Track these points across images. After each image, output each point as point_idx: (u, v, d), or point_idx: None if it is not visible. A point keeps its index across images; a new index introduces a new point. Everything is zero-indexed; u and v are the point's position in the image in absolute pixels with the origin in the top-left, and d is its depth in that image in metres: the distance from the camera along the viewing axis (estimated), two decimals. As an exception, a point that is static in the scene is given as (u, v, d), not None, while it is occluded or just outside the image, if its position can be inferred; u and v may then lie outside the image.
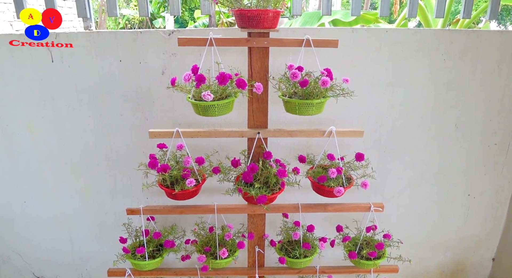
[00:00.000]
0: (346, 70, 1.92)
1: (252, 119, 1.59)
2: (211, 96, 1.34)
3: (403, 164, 2.14)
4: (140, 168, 1.62)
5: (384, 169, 2.13)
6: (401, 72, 1.95)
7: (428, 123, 2.06)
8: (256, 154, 1.64)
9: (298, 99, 1.43)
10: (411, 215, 2.27)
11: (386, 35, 1.89)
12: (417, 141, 2.09)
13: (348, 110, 1.97)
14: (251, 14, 1.38)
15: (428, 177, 2.18)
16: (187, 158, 1.56)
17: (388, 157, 2.11)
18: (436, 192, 2.22)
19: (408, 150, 2.11)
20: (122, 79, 1.90)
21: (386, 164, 2.12)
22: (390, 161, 2.12)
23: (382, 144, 2.08)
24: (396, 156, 2.11)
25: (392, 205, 2.21)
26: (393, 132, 2.06)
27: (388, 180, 2.15)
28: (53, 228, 2.24)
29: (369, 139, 2.06)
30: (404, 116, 2.03)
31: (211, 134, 1.58)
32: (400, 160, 2.12)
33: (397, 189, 2.19)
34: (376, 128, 2.04)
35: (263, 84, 1.51)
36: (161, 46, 1.85)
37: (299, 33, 1.84)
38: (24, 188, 2.14)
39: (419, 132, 2.07)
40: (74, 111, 1.96)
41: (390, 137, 2.07)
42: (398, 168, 2.14)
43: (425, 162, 2.14)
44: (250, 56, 1.50)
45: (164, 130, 1.60)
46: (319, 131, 1.59)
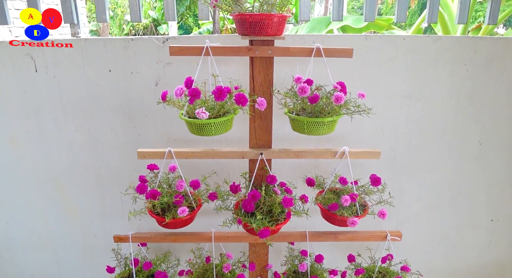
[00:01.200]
0: (359, 82, 1.74)
1: (254, 138, 1.41)
2: (206, 114, 1.16)
3: (420, 184, 1.94)
4: (128, 193, 1.44)
5: (399, 189, 1.93)
6: (419, 83, 1.76)
7: (449, 140, 1.86)
8: (259, 176, 1.45)
9: (307, 117, 1.24)
10: (428, 240, 2.07)
11: (403, 43, 1.71)
12: (436, 159, 1.90)
13: (361, 125, 1.79)
14: (253, 19, 1.21)
15: (447, 199, 1.98)
16: (180, 181, 1.38)
17: (404, 176, 1.92)
18: (456, 214, 2.02)
19: (426, 169, 1.91)
20: (112, 91, 1.73)
21: (402, 184, 1.93)
22: (406, 180, 1.92)
23: (398, 162, 1.89)
24: (412, 175, 1.92)
25: (407, 228, 2.01)
26: (410, 149, 1.87)
27: (403, 202, 1.96)
28: (39, 250, 2.07)
29: (384, 157, 1.86)
30: (422, 132, 1.84)
31: (208, 155, 1.40)
32: (417, 179, 1.93)
33: (413, 211, 1.99)
34: (391, 145, 1.85)
35: (266, 99, 1.33)
36: (155, 55, 1.68)
37: (307, 41, 1.67)
38: (7, 207, 1.96)
39: (438, 150, 1.88)
40: (60, 125, 1.79)
41: (407, 155, 1.88)
42: (414, 188, 1.95)
43: (444, 182, 1.95)
44: (252, 67, 1.32)
45: (154, 150, 1.42)
46: (330, 152, 1.40)
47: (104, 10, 1.65)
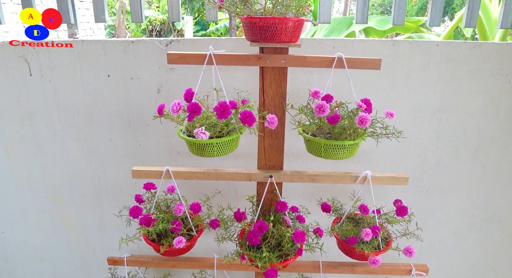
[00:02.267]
0: (383, 92, 1.55)
1: (263, 159, 1.24)
2: (206, 134, 1.00)
3: (448, 207, 1.74)
4: (122, 214, 1.30)
5: (424, 212, 1.74)
6: (453, 96, 1.56)
7: (483, 159, 1.65)
8: (268, 200, 1.29)
9: (325, 139, 1.07)
10: (455, 268, 1.87)
11: (436, 50, 1.50)
12: (468, 180, 1.69)
13: (384, 140, 1.59)
14: (264, 23, 1.04)
15: (478, 224, 1.77)
16: (178, 205, 1.23)
17: (431, 198, 1.72)
18: (487, 241, 1.81)
19: (456, 191, 1.71)
20: (111, 97, 1.59)
21: (428, 207, 1.73)
22: (433, 203, 1.73)
23: (424, 183, 1.69)
24: (440, 197, 1.72)
25: (432, 255, 1.82)
26: (439, 169, 1.67)
27: (429, 226, 1.76)
28: (36, 262, 1.96)
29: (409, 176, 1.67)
30: (453, 150, 1.64)
31: (210, 177, 1.24)
32: (445, 202, 1.73)
33: (439, 237, 1.79)
34: (417, 164, 1.66)
35: (278, 115, 1.16)
36: (157, 59, 1.52)
37: (326, 46, 1.48)
38: (1, 217, 1.86)
39: (471, 170, 1.67)
40: (56, 133, 1.66)
41: (435, 175, 1.68)
42: (442, 211, 1.75)
43: (476, 206, 1.74)
44: (263, 78, 1.15)
45: (150, 169, 1.27)
46: (350, 177, 1.22)
47: (103, 10, 1.51)
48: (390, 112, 1.08)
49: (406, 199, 1.61)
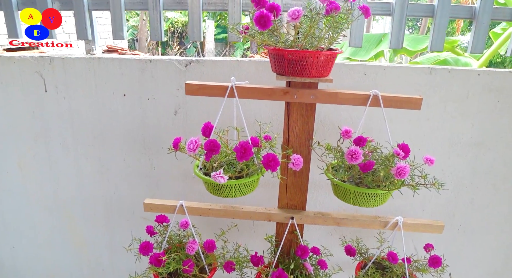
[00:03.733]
0: (417, 124, 1.43)
1: (284, 197, 1.14)
2: (224, 178, 0.91)
3: (482, 247, 1.60)
4: (131, 248, 1.23)
5: (455, 251, 1.61)
6: (493, 129, 1.43)
7: (524, 198, 1.51)
8: (288, 241, 1.19)
9: (355, 186, 0.96)
10: (485, 311, 1.72)
11: (476, 80, 1.38)
12: (504, 219, 1.55)
13: (414, 175, 1.48)
14: (293, 56, 0.94)
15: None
16: (192, 243, 1.15)
17: (463, 237, 1.59)
18: (523, 284, 1.66)
19: (491, 230, 1.57)
20: (126, 117, 1.52)
21: (460, 246, 1.60)
22: (466, 242, 1.59)
23: (457, 220, 1.56)
24: (474, 236, 1.58)
25: (461, 296, 1.68)
26: (473, 206, 1.53)
27: (460, 266, 1.63)
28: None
29: (440, 213, 1.55)
30: (491, 187, 1.51)
31: (227, 214, 1.15)
32: (479, 241, 1.59)
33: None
34: (450, 200, 1.53)
35: (304, 154, 1.06)
36: (175, 80, 1.45)
37: (356, 72, 1.38)
38: (13, 231, 1.82)
39: (509, 209, 1.53)
40: (69, 151, 1.61)
41: (468, 213, 1.55)
42: (475, 251, 1.61)
43: (511, 247, 1.60)
44: (288, 113, 1.06)
45: (163, 202, 1.19)
46: (379, 222, 1.12)
47: (121, 27, 1.44)
48: (430, 158, 0.97)
49: (435, 236, 1.49)
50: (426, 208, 1.54)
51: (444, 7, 1.33)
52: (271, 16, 0.88)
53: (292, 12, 0.89)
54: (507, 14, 1.37)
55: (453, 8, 1.35)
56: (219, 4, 1.41)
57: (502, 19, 1.39)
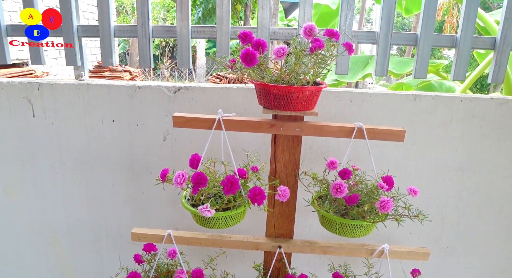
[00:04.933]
0: (403, 149, 1.45)
1: (272, 227, 1.15)
2: (211, 212, 0.91)
3: (469, 270, 1.62)
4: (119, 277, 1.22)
5: (443, 274, 1.62)
6: (477, 154, 1.46)
7: (507, 221, 1.54)
8: (276, 269, 1.19)
9: (341, 218, 0.97)
10: None
11: (460, 106, 1.41)
12: (491, 242, 1.58)
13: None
14: (278, 91, 0.96)
15: (501, 287, 1.65)
16: (179, 272, 1.14)
17: (450, 259, 1.60)
18: (511, 306, 1.68)
19: (478, 253, 1.59)
20: (115, 143, 1.52)
21: (447, 268, 1.62)
22: (452, 265, 1.61)
23: (443, 243, 1.58)
24: (460, 259, 1.60)
25: (450, 318, 1.69)
26: (459, 229, 1.56)
27: (447, 288, 1.64)
28: (30, 304, 1.88)
29: (427, 237, 1.56)
30: (476, 211, 1.53)
31: (215, 244, 1.15)
32: (465, 264, 1.61)
33: (458, 300, 1.67)
34: (437, 223, 1.55)
35: (290, 184, 1.08)
36: (164, 106, 1.46)
37: (342, 98, 1.40)
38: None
39: (495, 232, 1.56)
40: (56, 176, 1.60)
41: (455, 236, 1.57)
42: (462, 273, 1.63)
43: (499, 269, 1.62)
44: (275, 144, 1.07)
45: (151, 232, 1.19)
46: (365, 250, 1.13)
47: (111, 54, 1.45)
48: (414, 189, 0.99)
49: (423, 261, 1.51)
50: (413, 231, 1.56)
51: (426, 37, 1.38)
52: (256, 53, 0.90)
53: (277, 50, 0.91)
54: (487, 43, 1.42)
55: (435, 37, 1.39)
56: (208, 32, 1.44)
57: (482, 47, 1.44)
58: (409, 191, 1.00)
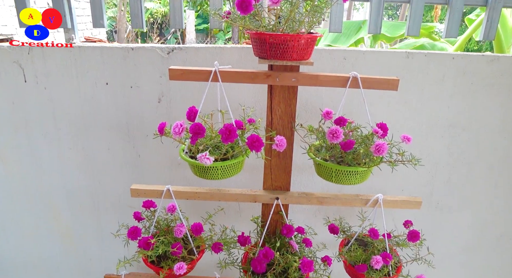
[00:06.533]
0: (395, 106, 1.48)
1: (269, 179, 1.18)
2: (210, 160, 0.93)
3: (458, 224, 1.68)
4: (120, 234, 1.24)
5: (432, 228, 1.68)
6: (468, 111, 1.49)
7: (496, 177, 1.59)
8: (273, 221, 1.23)
9: (337, 165, 1.00)
10: (462, 284, 1.82)
11: (451, 63, 1.43)
12: (479, 197, 1.63)
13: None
14: (274, 40, 0.96)
15: (488, 241, 1.72)
16: (179, 226, 1.17)
17: (440, 214, 1.66)
18: (496, 259, 1.76)
19: (467, 208, 1.65)
20: (109, 106, 1.52)
21: (437, 223, 1.68)
22: (442, 220, 1.67)
23: (434, 199, 1.63)
24: (450, 214, 1.66)
25: (439, 272, 1.76)
26: (450, 185, 1.61)
27: (437, 243, 1.71)
28: (31, 272, 1.91)
29: (418, 192, 1.61)
30: (466, 167, 1.58)
31: (213, 197, 1.18)
32: (455, 219, 1.67)
33: (447, 254, 1.74)
34: (428, 180, 1.60)
35: (287, 135, 1.10)
36: (158, 67, 1.45)
37: (336, 57, 1.41)
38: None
39: (483, 187, 1.61)
40: (52, 142, 1.60)
41: (445, 192, 1.62)
42: (451, 228, 1.69)
43: (486, 223, 1.68)
44: (271, 96, 1.08)
45: (150, 187, 1.21)
46: (360, 200, 1.16)
47: (101, 15, 1.43)
48: (407, 137, 1.02)
49: (414, 215, 1.56)
50: (405, 188, 1.61)
51: (419, -7, 1.38)
52: (252, 0, 0.90)
53: (272, -4, 0.90)
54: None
55: (428, -7, 1.40)
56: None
57: (475, 4, 1.45)
58: (403, 138, 1.02)
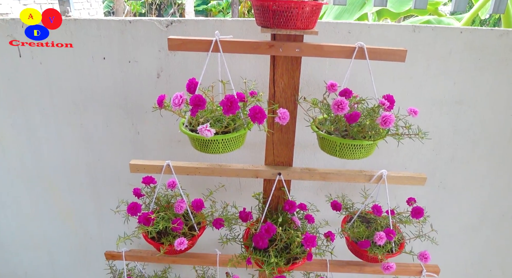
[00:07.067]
0: (399, 81, 1.44)
1: (271, 154, 1.15)
2: (211, 132, 0.90)
3: (460, 203, 1.67)
4: (119, 210, 1.22)
5: (435, 207, 1.67)
6: (474, 87, 1.46)
7: (501, 155, 1.57)
8: (275, 197, 1.21)
9: (341, 138, 0.97)
10: (461, 264, 1.82)
11: (459, 37, 1.39)
12: (482, 176, 1.61)
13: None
14: (278, 7, 0.92)
15: (490, 220, 1.71)
16: (180, 202, 1.15)
17: (443, 193, 1.65)
18: (497, 238, 1.76)
19: (470, 186, 1.64)
20: (107, 81, 1.48)
21: (439, 202, 1.67)
22: (445, 198, 1.66)
23: (437, 178, 1.62)
24: (453, 192, 1.65)
25: (439, 250, 1.76)
26: (453, 164, 1.59)
27: (438, 221, 1.70)
28: (31, 251, 1.91)
29: (422, 171, 1.59)
30: (470, 145, 1.55)
31: (214, 173, 1.15)
32: (457, 198, 1.66)
33: (448, 233, 1.73)
34: (431, 158, 1.57)
35: (290, 109, 1.06)
36: (157, 41, 1.41)
37: (341, 30, 1.36)
38: (-6, 203, 1.79)
39: (487, 166, 1.59)
40: (49, 119, 1.57)
41: (449, 170, 1.60)
42: (453, 207, 1.68)
43: (489, 202, 1.67)
44: (274, 67, 1.05)
45: (149, 163, 1.18)
46: (364, 176, 1.14)
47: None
48: (414, 110, 0.99)
49: (416, 193, 1.54)
50: (408, 167, 1.58)
51: (428, -37, 1.32)
52: (255, -38, 0.85)
53: (276, -42, 0.86)
54: (489, -30, 1.37)
55: (437, -37, 1.34)
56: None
57: (484, -25, 1.39)
58: (410, 111, 0.99)
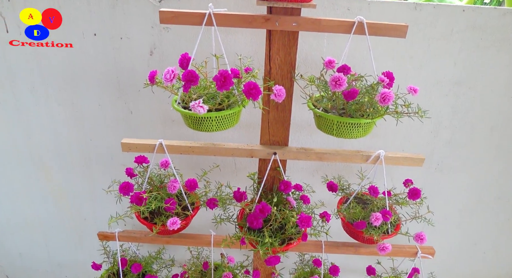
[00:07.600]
0: (399, 61, 1.41)
1: (266, 133, 1.12)
2: (204, 108, 0.87)
3: (457, 185, 1.67)
4: (111, 190, 1.20)
5: (431, 189, 1.66)
6: (475, 68, 1.42)
7: (499, 138, 1.56)
8: (270, 177, 1.19)
9: (338, 116, 0.95)
10: (456, 245, 1.83)
11: (461, 16, 1.34)
12: (479, 159, 1.60)
13: (396, 115, 1.48)
14: (275, -21, 0.88)
15: (485, 203, 1.71)
16: (173, 181, 1.13)
17: (440, 175, 1.64)
18: (492, 220, 1.76)
19: (467, 169, 1.63)
20: (98, 58, 1.43)
21: (436, 184, 1.66)
22: (442, 180, 1.65)
23: (434, 159, 1.60)
24: (450, 174, 1.64)
25: (435, 231, 1.76)
26: (451, 145, 1.57)
27: (434, 203, 1.69)
28: (25, 232, 1.90)
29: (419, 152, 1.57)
30: (469, 127, 1.53)
31: (208, 152, 1.13)
32: (454, 179, 1.65)
33: (444, 214, 1.74)
34: (429, 140, 1.56)
35: (286, 86, 1.03)
36: (150, 17, 1.35)
37: (339, 7, 1.32)
38: (-14, 184, 1.76)
39: (485, 148, 1.58)
40: (39, 97, 1.52)
41: (446, 152, 1.58)
42: (450, 189, 1.67)
43: (486, 184, 1.67)
44: (270, 43, 1.01)
45: (142, 142, 1.15)
46: (361, 156, 1.12)
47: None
48: (414, 88, 0.96)
49: (413, 175, 1.53)
50: (406, 148, 1.57)
51: None
52: None
53: None
54: None
55: None
56: None
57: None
58: (409, 89, 0.96)
